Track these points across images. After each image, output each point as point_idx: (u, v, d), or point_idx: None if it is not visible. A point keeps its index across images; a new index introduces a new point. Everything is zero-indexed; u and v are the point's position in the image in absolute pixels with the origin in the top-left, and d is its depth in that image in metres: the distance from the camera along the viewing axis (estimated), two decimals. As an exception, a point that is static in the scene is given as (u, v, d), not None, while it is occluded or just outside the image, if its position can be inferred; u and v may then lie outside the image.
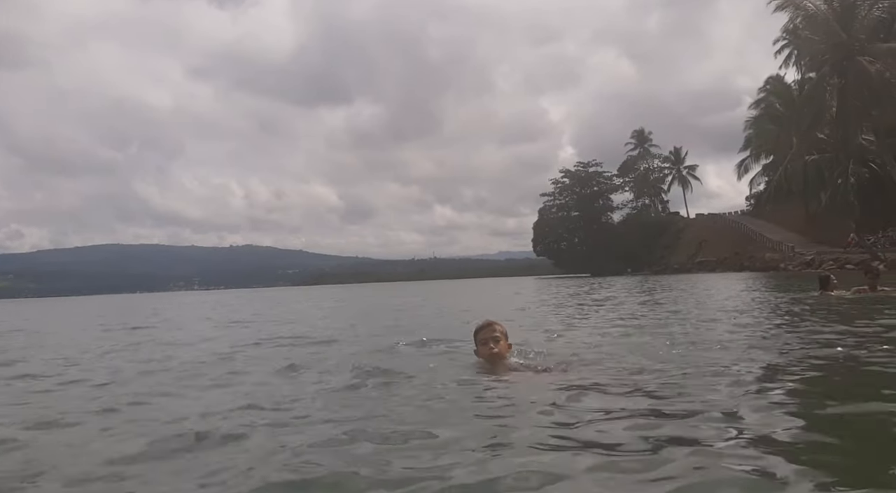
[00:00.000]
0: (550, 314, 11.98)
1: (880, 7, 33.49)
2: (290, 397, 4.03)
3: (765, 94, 60.63)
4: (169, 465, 2.71)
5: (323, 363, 5.62)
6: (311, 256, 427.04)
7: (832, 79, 34.18)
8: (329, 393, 4.17)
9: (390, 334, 8.42)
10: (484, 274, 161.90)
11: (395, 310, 17.10)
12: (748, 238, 59.85)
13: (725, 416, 3.01)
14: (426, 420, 3.22)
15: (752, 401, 3.31)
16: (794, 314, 8.71)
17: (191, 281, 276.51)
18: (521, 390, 3.99)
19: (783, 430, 2.72)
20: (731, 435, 2.68)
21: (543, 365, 4.72)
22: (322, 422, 3.30)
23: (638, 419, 3.06)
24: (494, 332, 4.73)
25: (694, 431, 2.80)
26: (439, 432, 2.95)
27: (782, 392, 3.56)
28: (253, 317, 16.28)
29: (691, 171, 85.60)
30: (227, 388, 4.67)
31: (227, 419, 3.44)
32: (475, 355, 4.88)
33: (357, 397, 3.99)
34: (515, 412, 3.38)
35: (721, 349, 5.32)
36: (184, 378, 5.24)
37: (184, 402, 4.18)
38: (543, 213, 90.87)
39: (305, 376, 4.98)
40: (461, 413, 3.38)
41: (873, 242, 37.95)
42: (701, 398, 3.41)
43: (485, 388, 4.09)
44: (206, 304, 30.55)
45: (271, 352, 7.00)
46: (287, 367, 5.45)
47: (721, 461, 2.33)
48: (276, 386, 4.59)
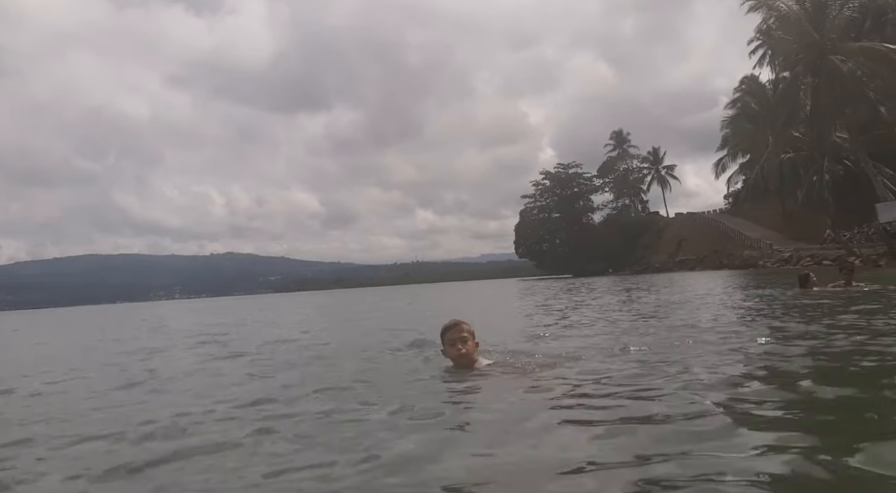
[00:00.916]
0: (535, 315, 11.96)
1: (851, 7, 34.04)
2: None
3: (740, 93, 61.34)
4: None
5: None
6: (292, 262, 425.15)
7: (805, 78, 34.58)
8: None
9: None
10: (467, 277, 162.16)
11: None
12: (727, 236, 60.45)
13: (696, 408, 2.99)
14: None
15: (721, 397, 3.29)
16: (776, 312, 8.73)
17: (172, 291, 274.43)
18: (486, 391, 3.99)
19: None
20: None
21: (512, 364, 4.78)
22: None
23: (603, 417, 3.07)
24: (462, 332, 4.72)
25: (663, 430, 2.80)
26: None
27: (764, 389, 3.54)
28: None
29: (670, 171, 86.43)
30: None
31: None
32: (443, 355, 4.91)
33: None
34: (479, 411, 3.40)
35: (698, 348, 5.29)
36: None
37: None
38: (524, 215, 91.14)
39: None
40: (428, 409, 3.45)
41: (849, 239, 38.43)
42: (676, 398, 3.36)
43: (448, 390, 4.12)
44: (195, 312, 30.18)
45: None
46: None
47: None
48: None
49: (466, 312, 13.54)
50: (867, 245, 36.46)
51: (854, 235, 39.60)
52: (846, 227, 39.73)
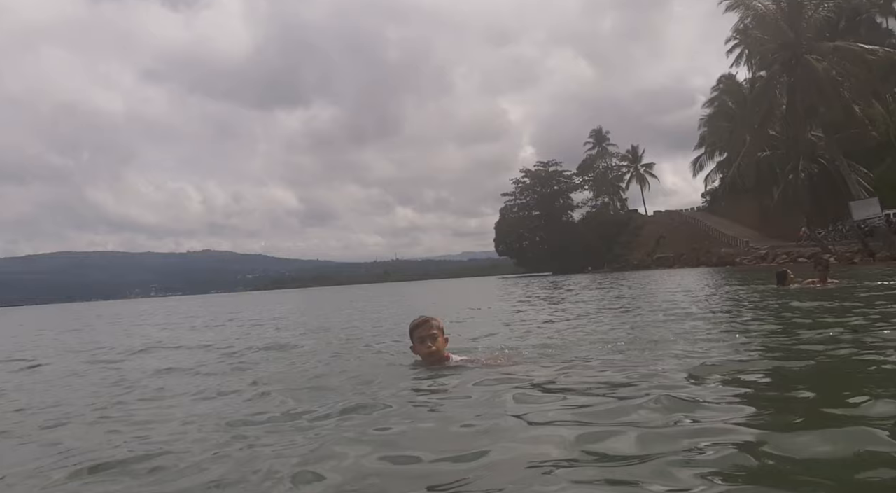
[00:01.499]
0: (509, 312, 11.88)
1: (826, 6, 34.38)
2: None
3: (718, 92, 62.06)
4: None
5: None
6: (270, 260, 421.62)
7: (781, 77, 34.92)
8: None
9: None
10: (447, 275, 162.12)
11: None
12: (704, 234, 61.07)
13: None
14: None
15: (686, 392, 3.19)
16: (755, 309, 8.74)
17: (147, 288, 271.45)
18: (456, 386, 3.94)
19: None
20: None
21: (483, 359, 4.76)
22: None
23: (570, 410, 3.08)
24: (431, 329, 4.69)
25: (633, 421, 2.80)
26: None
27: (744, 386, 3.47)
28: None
29: (648, 169, 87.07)
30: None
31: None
32: (411, 351, 4.87)
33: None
34: (448, 406, 3.37)
35: (675, 343, 5.26)
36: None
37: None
38: (505, 212, 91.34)
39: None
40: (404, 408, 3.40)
41: (824, 236, 38.98)
42: (643, 391, 3.34)
43: (415, 389, 4.06)
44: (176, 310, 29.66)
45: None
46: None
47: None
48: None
49: (442, 310, 13.44)
50: (842, 243, 37.00)
51: (829, 232, 40.18)
52: (821, 224, 40.29)
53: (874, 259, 29.11)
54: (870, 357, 4.01)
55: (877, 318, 6.11)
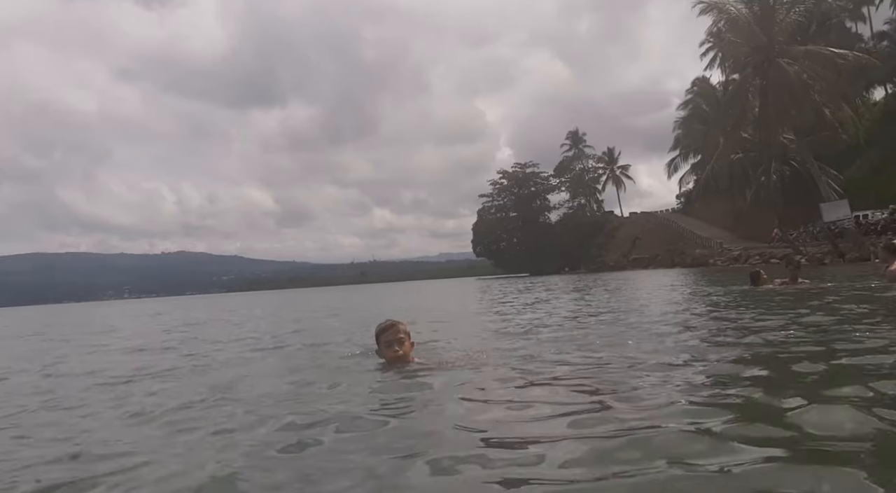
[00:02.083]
0: (489, 313, 11.81)
1: (797, 11, 34.85)
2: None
3: (692, 95, 62.86)
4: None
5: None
6: (246, 261, 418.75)
7: (754, 80, 35.33)
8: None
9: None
10: (425, 276, 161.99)
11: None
12: (679, 235, 61.69)
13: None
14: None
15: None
16: (730, 308, 8.76)
17: (121, 290, 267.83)
18: (421, 388, 3.87)
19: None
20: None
21: (449, 361, 4.72)
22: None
23: (538, 408, 3.11)
24: (398, 333, 4.62)
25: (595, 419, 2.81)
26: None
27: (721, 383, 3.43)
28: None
29: (624, 170, 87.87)
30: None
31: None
32: (377, 355, 4.79)
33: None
34: (413, 408, 3.31)
35: (645, 345, 5.20)
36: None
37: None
38: (482, 214, 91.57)
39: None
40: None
41: (795, 237, 39.57)
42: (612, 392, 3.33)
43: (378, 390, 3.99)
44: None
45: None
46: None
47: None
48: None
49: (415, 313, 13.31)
50: (813, 244, 37.59)
51: (800, 233, 40.81)
52: (793, 226, 40.90)
53: (844, 260, 29.62)
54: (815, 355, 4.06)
55: (838, 316, 6.21)
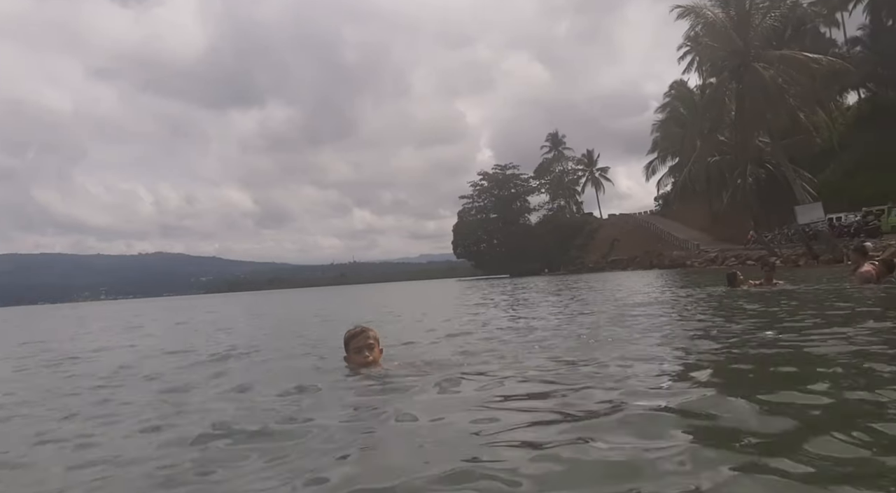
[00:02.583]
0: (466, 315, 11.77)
1: (772, 16, 35.26)
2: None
3: (670, 98, 63.49)
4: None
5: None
6: (225, 262, 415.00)
7: (730, 84, 35.66)
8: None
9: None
10: (405, 278, 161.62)
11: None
12: (657, 237, 62.24)
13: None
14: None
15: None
16: (708, 308, 8.82)
17: (97, 291, 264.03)
18: (392, 392, 3.85)
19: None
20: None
21: (418, 365, 4.71)
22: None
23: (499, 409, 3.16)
24: (368, 339, 4.62)
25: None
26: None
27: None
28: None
29: (603, 173, 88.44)
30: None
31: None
32: (345, 362, 4.74)
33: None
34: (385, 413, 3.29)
35: (636, 344, 5.23)
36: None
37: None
38: (463, 215, 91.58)
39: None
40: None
41: (770, 239, 40.08)
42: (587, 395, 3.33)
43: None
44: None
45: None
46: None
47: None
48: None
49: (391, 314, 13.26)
50: (787, 246, 38.10)
51: (775, 235, 41.36)
52: (768, 228, 41.44)
53: (818, 262, 30.02)
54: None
55: (806, 316, 6.36)
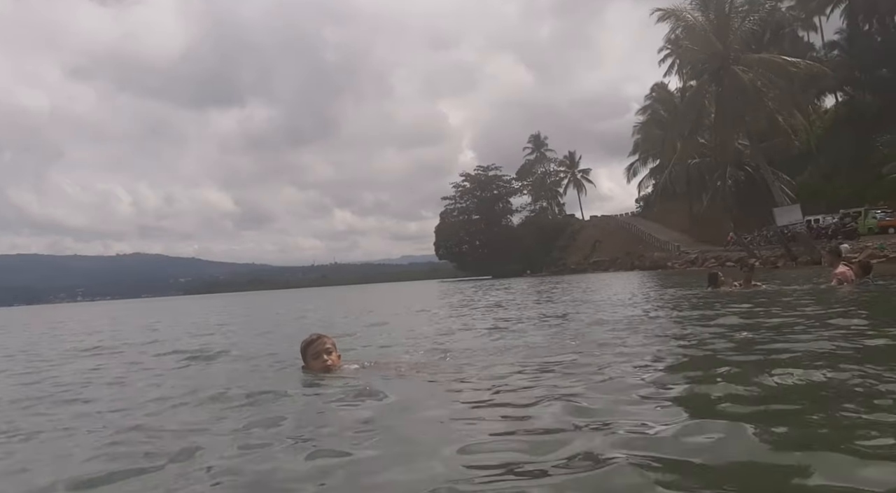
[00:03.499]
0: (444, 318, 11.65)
1: (751, 19, 35.60)
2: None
3: (651, 100, 63.98)
4: None
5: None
6: (204, 263, 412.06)
7: (710, 86, 35.93)
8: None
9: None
10: (387, 279, 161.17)
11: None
12: (638, 238, 62.60)
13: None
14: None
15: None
16: (689, 307, 8.79)
17: (74, 292, 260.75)
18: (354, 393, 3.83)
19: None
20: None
21: (382, 366, 4.77)
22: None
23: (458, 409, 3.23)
24: (326, 344, 4.64)
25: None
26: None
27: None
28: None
29: (585, 174, 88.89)
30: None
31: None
32: (302, 370, 4.74)
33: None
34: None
35: (598, 348, 5.15)
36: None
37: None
38: (445, 216, 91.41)
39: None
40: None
41: (750, 241, 40.43)
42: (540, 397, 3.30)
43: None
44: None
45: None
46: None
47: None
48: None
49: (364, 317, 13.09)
50: (766, 247, 38.46)
51: (754, 237, 41.74)
52: (747, 230, 41.80)
53: (796, 263, 30.31)
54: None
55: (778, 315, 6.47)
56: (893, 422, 2.43)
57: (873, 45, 43.67)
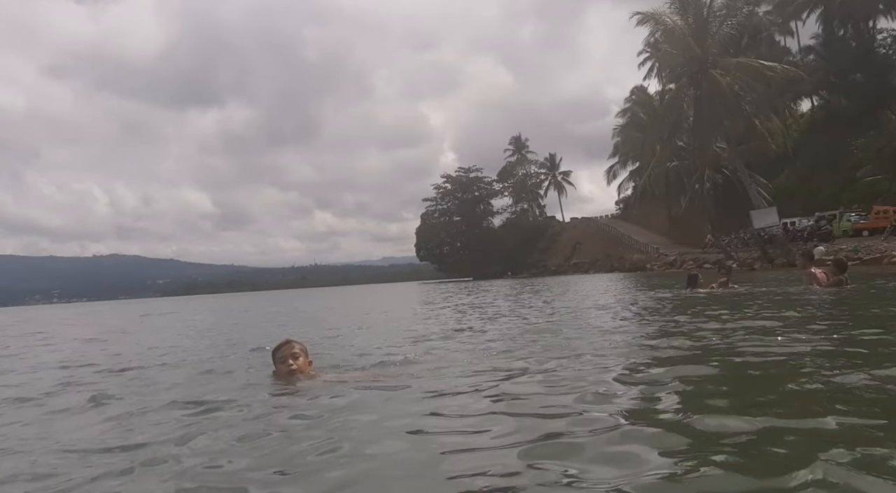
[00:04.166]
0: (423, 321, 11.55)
1: (729, 24, 35.98)
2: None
3: (630, 103, 64.36)
4: None
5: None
6: (183, 264, 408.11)
7: (689, 90, 36.23)
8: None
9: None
10: (367, 280, 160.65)
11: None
12: (618, 240, 62.93)
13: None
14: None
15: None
16: (670, 308, 8.78)
17: (49, 294, 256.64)
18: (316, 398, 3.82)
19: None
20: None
21: (350, 373, 4.75)
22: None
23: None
24: (293, 349, 4.59)
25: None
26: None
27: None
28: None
29: (566, 176, 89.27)
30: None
31: None
32: (273, 376, 4.70)
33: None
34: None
35: (580, 348, 5.09)
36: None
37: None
38: (426, 218, 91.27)
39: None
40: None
41: (727, 243, 40.78)
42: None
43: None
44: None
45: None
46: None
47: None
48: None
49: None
50: (744, 249, 38.82)
51: (732, 239, 42.11)
52: (725, 232, 42.18)
53: (772, 265, 30.61)
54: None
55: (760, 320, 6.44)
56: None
57: (848, 50, 44.34)
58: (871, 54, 43.76)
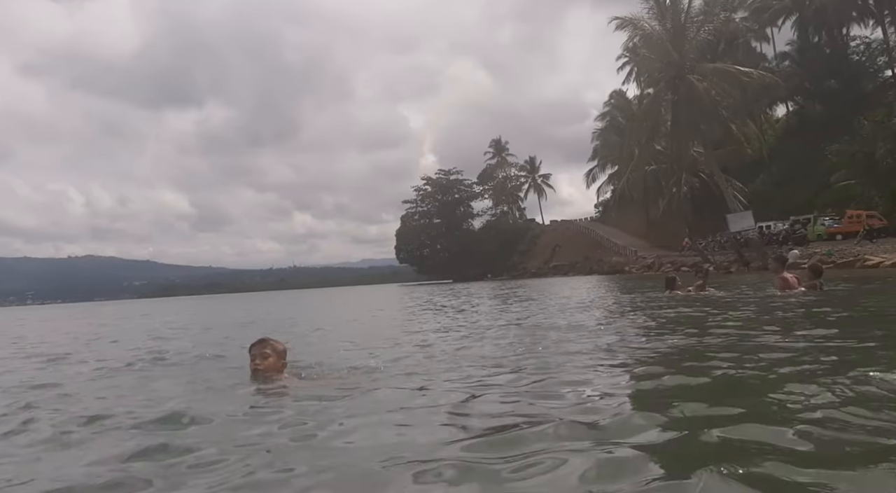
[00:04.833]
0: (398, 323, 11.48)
1: (706, 30, 36.42)
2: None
3: (609, 107, 64.83)
4: None
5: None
6: (159, 266, 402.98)
7: (666, 95, 36.56)
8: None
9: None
10: (346, 283, 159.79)
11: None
12: (597, 243, 63.32)
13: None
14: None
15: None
16: (651, 309, 8.80)
17: (23, 296, 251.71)
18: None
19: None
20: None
21: (318, 378, 4.73)
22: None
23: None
24: (264, 348, 4.61)
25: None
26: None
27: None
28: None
29: (545, 179, 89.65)
30: None
31: None
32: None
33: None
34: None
35: (554, 349, 5.04)
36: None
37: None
38: (406, 220, 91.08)
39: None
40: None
41: (704, 246, 41.23)
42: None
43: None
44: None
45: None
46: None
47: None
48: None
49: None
50: (720, 252, 39.26)
51: (709, 243, 42.59)
52: (702, 235, 42.64)
53: (748, 268, 30.98)
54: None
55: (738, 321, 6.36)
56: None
57: (822, 56, 45.12)
58: (844, 61, 44.58)
